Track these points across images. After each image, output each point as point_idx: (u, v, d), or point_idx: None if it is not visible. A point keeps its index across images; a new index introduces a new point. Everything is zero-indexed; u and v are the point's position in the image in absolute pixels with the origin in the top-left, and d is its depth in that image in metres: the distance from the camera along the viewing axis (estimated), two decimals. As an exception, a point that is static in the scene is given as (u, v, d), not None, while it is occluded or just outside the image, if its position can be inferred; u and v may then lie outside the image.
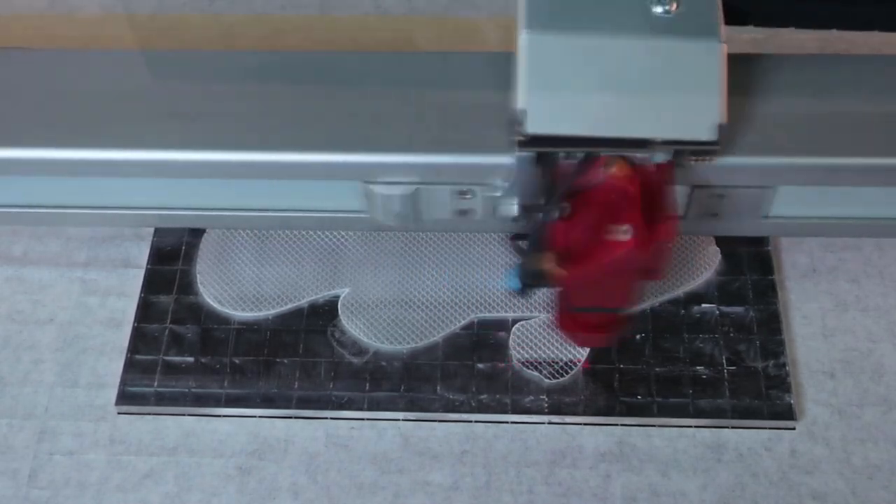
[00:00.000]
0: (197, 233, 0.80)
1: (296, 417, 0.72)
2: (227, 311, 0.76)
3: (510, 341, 0.74)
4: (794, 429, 0.70)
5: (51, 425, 0.72)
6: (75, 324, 0.77)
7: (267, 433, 0.71)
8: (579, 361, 0.73)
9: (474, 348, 0.74)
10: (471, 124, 0.61)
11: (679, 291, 0.76)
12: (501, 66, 0.59)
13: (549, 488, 0.68)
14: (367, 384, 0.73)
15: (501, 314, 0.75)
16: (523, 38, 0.55)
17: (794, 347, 0.74)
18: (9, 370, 0.74)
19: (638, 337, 0.74)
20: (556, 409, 0.71)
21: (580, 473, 0.69)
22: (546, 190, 0.57)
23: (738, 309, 0.75)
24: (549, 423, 0.71)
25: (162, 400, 0.72)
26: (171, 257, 0.79)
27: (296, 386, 0.73)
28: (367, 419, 0.71)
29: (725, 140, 0.56)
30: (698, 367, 0.73)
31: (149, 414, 0.72)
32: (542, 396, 0.72)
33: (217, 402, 0.72)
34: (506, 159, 0.58)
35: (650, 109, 0.55)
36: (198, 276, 0.78)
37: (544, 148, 0.56)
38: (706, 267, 0.77)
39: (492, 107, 0.60)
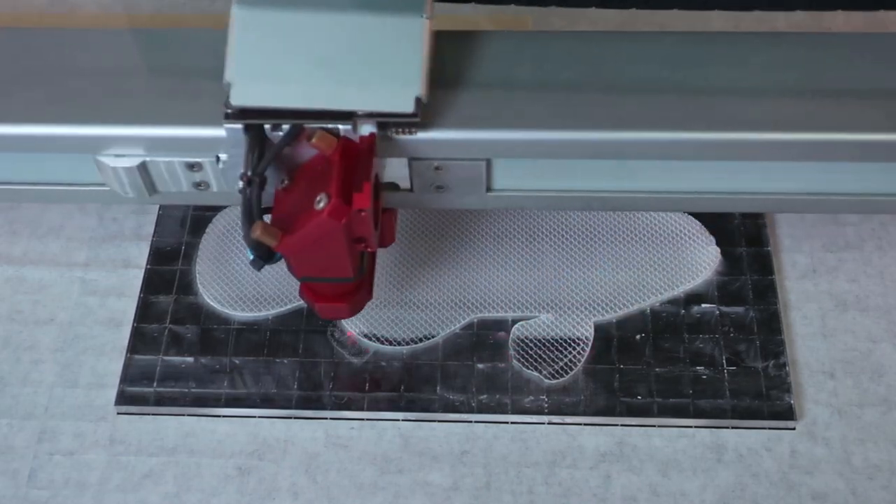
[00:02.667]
0: (197, 233, 0.80)
1: (295, 418, 0.72)
2: (226, 311, 0.76)
3: (510, 341, 0.74)
4: (794, 429, 0.70)
5: (51, 425, 0.72)
6: (75, 324, 0.77)
7: (266, 433, 0.71)
8: (580, 361, 0.73)
9: (474, 348, 0.74)
10: (193, 97, 0.61)
11: (679, 291, 0.76)
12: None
13: (549, 488, 0.68)
14: (367, 384, 0.73)
15: (501, 314, 0.75)
16: (233, 13, 0.58)
17: (794, 348, 0.74)
18: (9, 370, 0.75)
19: (638, 337, 0.74)
20: (556, 410, 0.71)
21: (580, 474, 0.69)
22: (251, 162, 0.58)
23: (739, 309, 0.75)
24: (549, 423, 0.71)
25: (161, 400, 0.72)
26: (171, 257, 0.79)
27: (295, 386, 0.73)
28: (367, 419, 0.71)
29: (430, 113, 0.58)
30: (698, 368, 0.73)
31: (148, 414, 0.72)
32: (542, 396, 0.72)
33: (217, 402, 0.72)
34: (220, 132, 0.59)
35: (352, 82, 0.57)
36: (197, 276, 0.78)
37: (250, 120, 0.57)
38: (706, 267, 0.77)
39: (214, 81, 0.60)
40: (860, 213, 0.79)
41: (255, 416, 0.72)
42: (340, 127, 0.57)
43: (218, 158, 0.61)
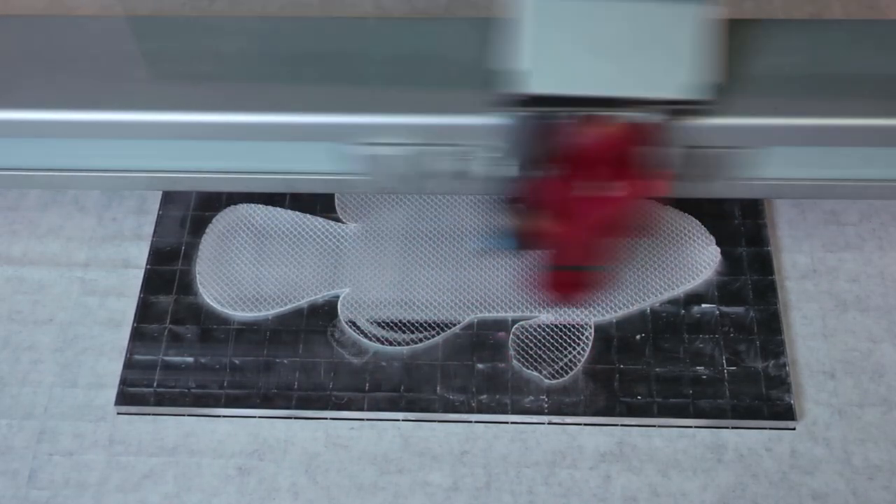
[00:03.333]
0: (197, 233, 0.80)
1: (295, 418, 0.72)
2: (226, 311, 0.76)
3: (510, 341, 0.74)
4: (794, 429, 0.71)
5: (50, 426, 0.72)
6: (75, 324, 0.77)
7: (267, 433, 0.71)
8: (580, 361, 0.73)
9: (474, 348, 0.74)
10: (466, 86, 0.61)
11: (679, 291, 0.76)
12: (486, 31, 0.60)
13: (549, 489, 0.68)
14: (367, 384, 0.73)
15: (501, 314, 0.75)
16: (528, 1, 0.57)
17: (794, 348, 0.74)
18: (8, 370, 0.75)
19: (638, 337, 0.74)
20: (556, 410, 0.71)
21: (580, 474, 0.69)
22: (543, 150, 0.57)
23: (739, 309, 0.75)
24: (549, 423, 0.71)
25: (161, 400, 0.73)
26: (171, 257, 0.79)
27: (295, 386, 0.73)
28: (367, 419, 0.72)
29: (718, 101, 0.58)
30: (698, 368, 0.73)
31: (148, 414, 0.72)
32: (542, 397, 0.72)
33: (217, 402, 0.72)
34: (505, 120, 0.58)
35: (645, 70, 0.57)
36: (197, 276, 0.78)
37: (543, 108, 0.57)
38: (706, 267, 0.77)
39: (484, 69, 0.60)
40: (858, 198, 0.79)
41: (255, 416, 0.72)
42: (632, 114, 0.57)
43: (493, 147, 0.61)
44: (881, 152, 0.64)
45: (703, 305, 0.76)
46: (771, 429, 0.71)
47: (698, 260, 0.77)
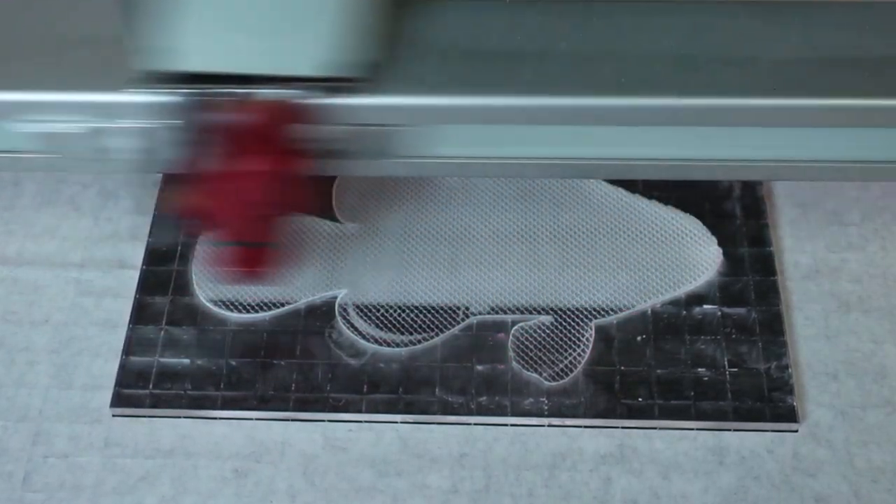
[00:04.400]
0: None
1: (293, 420, 0.72)
2: (223, 312, 0.76)
3: (509, 343, 0.74)
4: (796, 431, 0.71)
5: (45, 428, 0.72)
6: (70, 325, 0.77)
7: (264, 436, 0.72)
8: (580, 363, 0.73)
9: (473, 350, 0.74)
10: (113, 62, 0.61)
11: (680, 292, 0.76)
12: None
13: (549, 491, 0.69)
14: (365, 386, 0.73)
15: (501, 316, 0.76)
16: None
17: (796, 349, 0.74)
18: (3, 372, 0.75)
19: (639, 338, 0.75)
20: (556, 412, 0.72)
21: (580, 476, 0.69)
22: (191, 127, 0.58)
23: (740, 310, 0.76)
24: (549, 425, 0.71)
25: (157, 402, 0.73)
26: (167, 258, 0.79)
27: (293, 388, 0.73)
28: (365, 421, 0.72)
29: (373, 78, 0.58)
30: (700, 369, 0.73)
31: (144, 416, 0.73)
32: (541, 398, 0.72)
33: (213, 404, 0.73)
34: (139, 97, 0.59)
35: (286, 47, 0.58)
36: (194, 276, 0.78)
37: (190, 85, 0.58)
38: (707, 267, 0.77)
39: (128, 44, 0.60)
40: (856, 181, 0.79)
41: (252, 419, 0.72)
42: (270, 92, 0.58)
43: (125, 124, 0.61)
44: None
45: (705, 306, 0.76)
46: (773, 431, 0.71)
47: (700, 260, 0.78)
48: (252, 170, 0.57)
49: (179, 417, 0.73)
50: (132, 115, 0.60)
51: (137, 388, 0.73)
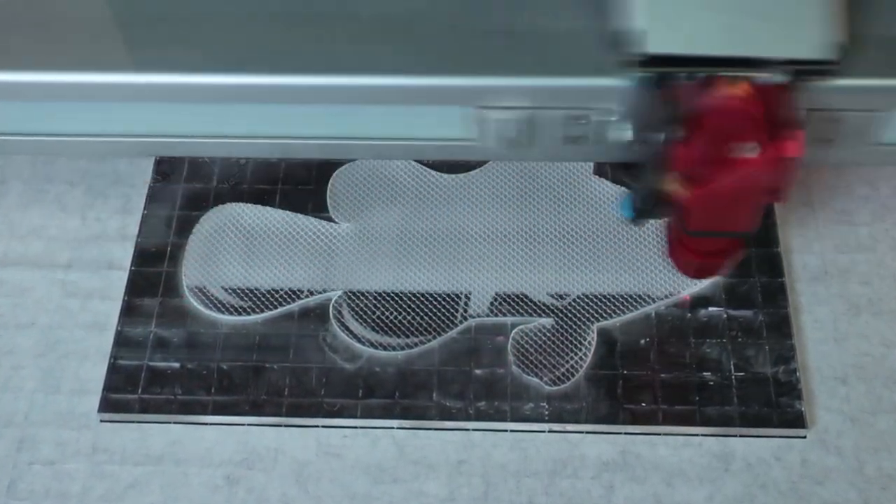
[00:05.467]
0: (183, 233, 0.80)
1: (286, 425, 0.72)
2: (214, 314, 0.77)
3: (509, 346, 0.75)
4: (804, 437, 0.71)
5: (31, 433, 0.72)
6: (56, 328, 0.77)
7: (256, 442, 0.72)
8: (581, 367, 0.73)
9: (472, 353, 0.75)
10: (579, 47, 0.61)
11: (685, 294, 0.76)
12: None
13: (549, 499, 0.69)
14: (361, 391, 0.73)
15: (500, 318, 0.76)
16: None
17: (804, 353, 0.75)
18: (-13, 376, 0.75)
19: (642, 342, 0.75)
20: (557, 417, 0.72)
21: (582, 484, 0.69)
22: (664, 112, 0.58)
23: (747, 312, 0.76)
24: (550, 431, 0.72)
25: (147, 407, 0.73)
26: (156, 259, 0.80)
27: (286, 392, 0.73)
28: (361, 427, 0.72)
29: (843, 61, 0.57)
30: (705, 374, 0.73)
31: (133, 422, 0.73)
32: (542, 403, 0.72)
33: (204, 409, 0.73)
34: (622, 82, 0.59)
35: (768, 29, 0.57)
36: (184, 278, 0.78)
37: (664, 68, 0.57)
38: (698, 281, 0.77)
39: (596, 29, 0.60)
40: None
41: (244, 424, 0.72)
42: (757, 75, 0.57)
43: (609, 110, 0.61)
44: None
45: (710, 309, 0.76)
46: (780, 437, 0.71)
47: (705, 261, 0.78)
48: (752, 157, 0.56)
49: (169, 423, 0.73)
50: (617, 99, 0.60)
51: (126, 393, 0.74)
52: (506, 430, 0.72)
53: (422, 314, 0.76)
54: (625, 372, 0.73)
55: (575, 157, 0.68)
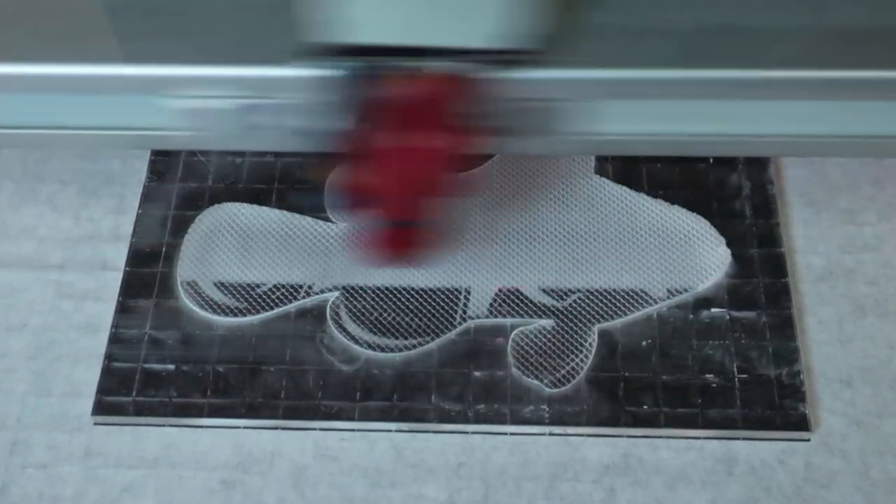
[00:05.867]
0: (178, 233, 0.80)
1: (283, 428, 0.72)
2: (209, 315, 0.77)
3: (509, 348, 0.74)
4: (808, 440, 0.71)
5: (23, 437, 0.72)
6: (49, 329, 0.77)
7: (252, 445, 0.72)
8: (582, 369, 0.73)
9: (471, 355, 0.75)
10: (257, 34, 0.61)
11: (687, 295, 0.76)
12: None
13: (550, 503, 0.69)
14: (358, 393, 0.73)
15: (500, 319, 0.76)
16: None
17: (809, 354, 0.75)
18: (-21, 378, 0.75)
19: (644, 343, 0.75)
20: (557, 420, 0.72)
21: (583, 487, 0.69)
22: (359, 101, 0.58)
23: (750, 314, 0.76)
24: (551, 434, 0.72)
25: (141, 410, 0.73)
26: (151, 259, 0.80)
27: (283, 395, 0.73)
28: (358, 430, 0.72)
29: (543, 52, 0.58)
30: (708, 376, 0.73)
31: (127, 425, 0.73)
32: (542, 406, 0.72)
33: (199, 412, 0.73)
34: (307, 71, 0.59)
35: (456, 18, 0.57)
36: (178, 278, 0.78)
37: (360, 57, 0.58)
38: (716, 269, 0.77)
39: (279, 17, 0.60)
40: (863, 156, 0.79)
41: (240, 427, 0.72)
42: (443, 65, 0.57)
43: (288, 99, 0.61)
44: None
45: (713, 310, 0.76)
46: (784, 440, 0.71)
47: (707, 262, 0.78)
48: (422, 146, 0.57)
49: (164, 426, 0.73)
50: (295, 89, 0.60)
51: (120, 396, 0.73)
52: (505, 433, 0.72)
53: (420, 315, 0.76)
54: (626, 374, 0.73)
55: (257, 146, 0.67)
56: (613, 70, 0.60)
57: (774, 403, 0.72)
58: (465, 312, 0.76)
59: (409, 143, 0.57)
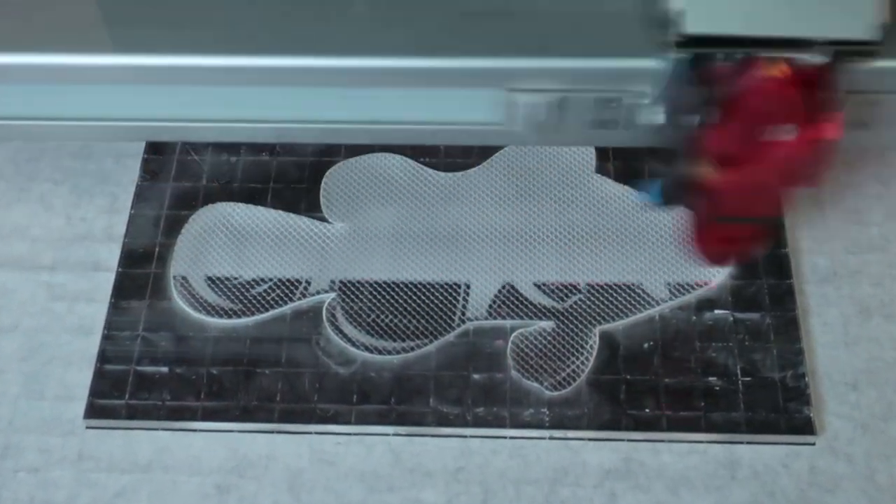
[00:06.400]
0: (172, 234, 0.80)
1: (278, 432, 0.72)
2: (203, 317, 0.77)
3: (508, 350, 0.75)
4: (813, 444, 0.71)
5: (15, 440, 0.72)
6: (41, 331, 0.77)
7: (247, 449, 0.72)
8: (583, 372, 0.73)
9: (470, 358, 0.75)
10: (610, 27, 0.60)
11: (690, 296, 0.76)
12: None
13: (550, 508, 0.69)
14: (355, 396, 0.73)
15: (499, 321, 0.76)
16: None
17: (813, 357, 0.75)
18: (-31, 381, 0.75)
19: (646, 346, 0.75)
20: (557, 423, 0.72)
21: (584, 492, 0.69)
22: (698, 94, 0.58)
23: (754, 315, 0.76)
24: (551, 437, 0.72)
25: (134, 413, 0.73)
26: (144, 260, 0.80)
27: (278, 398, 0.73)
28: (355, 434, 0.72)
29: (885, 41, 0.57)
30: (711, 378, 0.73)
31: (120, 428, 0.73)
32: (542, 409, 0.72)
33: (193, 415, 0.73)
34: (657, 63, 0.59)
35: (809, 8, 0.57)
36: (172, 279, 0.78)
37: (701, 49, 0.57)
38: (719, 270, 0.77)
39: (629, 9, 0.60)
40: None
41: (234, 431, 0.72)
42: (796, 56, 0.57)
43: (641, 92, 0.61)
44: None
45: (716, 311, 0.76)
46: (788, 444, 0.71)
47: (711, 262, 0.78)
48: (778, 140, 0.56)
49: (157, 429, 0.73)
50: (651, 82, 0.60)
51: (113, 399, 0.74)
52: (505, 437, 0.72)
53: (418, 317, 0.76)
54: (628, 376, 0.73)
55: (603, 142, 0.68)
56: None
57: (779, 406, 0.72)
58: (463, 314, 0.76)
59: (760, 137, 0.56)
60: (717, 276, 0.77)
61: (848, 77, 0.59)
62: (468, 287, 0.77)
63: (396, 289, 0.77)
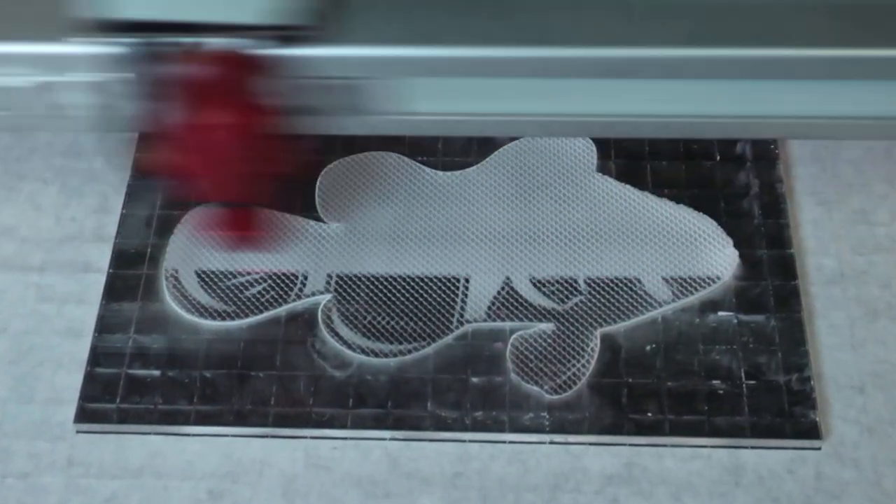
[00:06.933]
0: (164, 234, 0.80)
1: (272, 436, 0.72)
2: (196, 319, 0.76)
3: (508, 353, 0.74)
4: (819, 449, 0.71)
5: (3, 445, 0.72)
6: (30, 334, 0.77)
7: (241, 454, 0.72)
8: (584, 375, 0.73)
9: (468, 361, 0.74)
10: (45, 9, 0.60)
11: (693, 298, 0.76)
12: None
13: (550, 514, 0.69)
14: (351, 400, 0.73)
15: (498, 323, 0.76)
16: None
17: (819, 360, 0.75)
18: (-43, 385, 0.75)
19: (648, 348, 0.75)
20: (558, 428, 0.72)
21: (585, 498, 0.69)
22: (146, 80, 0.59)
23: (759, 317, 0.76)
24: (551, 442, 0.71)
25: (125, 417, 0.73)
26: (135, 261, 0.79)
27: (272, 402, 0.73)
28: (351, 438, 0.72)
29: (324, 28, 0.58)
30: (714, 382, 0.73)
31: (111, 433, 0.73)
32: (542, 413, 0.72)
33: (186, 419, 0.73)
34: (90, 48, 0.59)
35: None
36: (164, 281, 0.78)
37: (124, 34, 0.58)
38: (723, 271, 0.77)
39: None
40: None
41: (227, 435, 0.72)
42: (219, 42, 0.58)
43: (82, 77, 0.61)
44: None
45: (720, 313, 0.76)
46: (794, 448, 0.71)
47: (714, 263, 0.78)
48: (215, 123, 0.57)
49: (149, 434, 0.72)
50: (80, 67, 0.60)
51: (103, 402, 0.73)
52: (504, 442, 0.72)
53: (416, 319, 0.76)
54: (630, 380, 0.73)
55: (63, 128, 0.68)
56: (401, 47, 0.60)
57: (784, 410, 0.72)
58: (462, 316, 0.76)
59: (202, 121, 0.58)
60: (724, 275, 0.77)
61: (293, 62, 0.59)
62: (466, 288, 0.77)
63: (393, 290, 0.77)
